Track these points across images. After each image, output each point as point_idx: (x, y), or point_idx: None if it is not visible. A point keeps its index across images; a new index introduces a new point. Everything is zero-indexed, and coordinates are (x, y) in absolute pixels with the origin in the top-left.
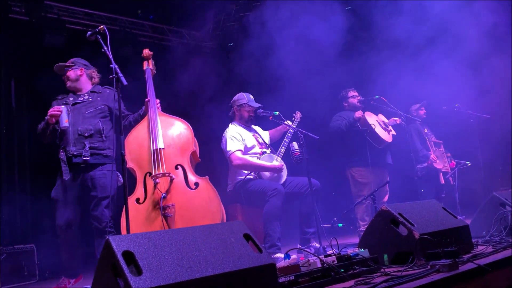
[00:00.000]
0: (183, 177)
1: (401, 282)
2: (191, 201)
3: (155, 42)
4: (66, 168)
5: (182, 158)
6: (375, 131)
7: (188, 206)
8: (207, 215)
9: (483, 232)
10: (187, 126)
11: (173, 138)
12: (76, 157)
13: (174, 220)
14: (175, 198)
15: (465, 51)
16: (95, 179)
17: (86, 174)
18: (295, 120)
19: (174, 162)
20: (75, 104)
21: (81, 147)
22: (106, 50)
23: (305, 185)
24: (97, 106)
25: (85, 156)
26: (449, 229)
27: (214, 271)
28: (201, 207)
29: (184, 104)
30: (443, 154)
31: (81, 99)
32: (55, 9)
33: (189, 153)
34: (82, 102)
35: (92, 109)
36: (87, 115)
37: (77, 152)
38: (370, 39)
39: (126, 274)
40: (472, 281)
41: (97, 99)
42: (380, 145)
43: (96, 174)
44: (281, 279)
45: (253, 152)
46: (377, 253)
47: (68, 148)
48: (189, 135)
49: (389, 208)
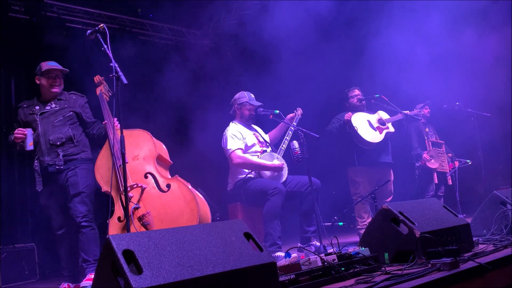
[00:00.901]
0: (154, 183)
1: (401, 281)
2: (167, 203)
3: (155, 40)
4: (39, 179)
5: (149, 165)
6: (357, 133)
7: (165, 209)
8: (185, 211)
9: (483, 231)
10: (146, 133)
11: (134, 150)
12: (51, 166)
13: (153, 226)
14: (149, 205)
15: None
16: (68, 179)
17: (62, 178)
18: (296, 116)
19: (142, 172)
20: (42, 114)
21: (55, 156)
22: (106, 49)
23: (305, 184)
24: (65, 114)
25: (58, 165)
26: (450, 228)
27: (215, 270)
28: (177, 206)
29: (184, 102)
30: (441, 154)
31: (48, 108)
32: (54, 7)
33: (153, 159)
34: (49, 111)
35: (61, 117)
36: (57, 123)
37: (51, 162)
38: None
39: (127, 273)
40: (473, 279)
41: (65, 106)
42: (367, 147)
43: (68, 174)
44: (281, 277)
45: (253, 150)
46: (377, 251)
47: (42, 158)
48: (149, 142)
49: (389, 206)
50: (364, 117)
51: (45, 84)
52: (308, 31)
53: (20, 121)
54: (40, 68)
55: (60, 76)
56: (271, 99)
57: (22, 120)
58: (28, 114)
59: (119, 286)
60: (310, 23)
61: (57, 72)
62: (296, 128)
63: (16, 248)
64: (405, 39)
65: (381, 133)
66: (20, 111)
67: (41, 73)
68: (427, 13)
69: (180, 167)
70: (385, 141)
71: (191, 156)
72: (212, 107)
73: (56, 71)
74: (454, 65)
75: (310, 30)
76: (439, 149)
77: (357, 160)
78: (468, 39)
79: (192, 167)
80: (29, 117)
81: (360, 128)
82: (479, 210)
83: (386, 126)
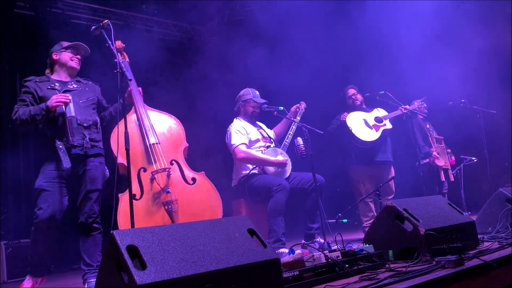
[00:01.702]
0: (179, 172)
1: (406, 278)
2: (191, 196)
3: (159, 37)
4: (66, 157)
5: (176, 153)
6: (352, 133)
7: (188, 202)
8: (207, 210)
9: (489, 228)
10: (178, 122)
11: (164, 133)
12: (75, 147)
13: (178, 215)
14: (176, 193)
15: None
16: (87, 171)
17: (79, 165)
18: (299, 110)
19: (169, 157)
20: (66, 92)
21: (80, 138)
22: (110, 45)
23: (309, 181)
24: (88, 96)
25: (86, 147)
26: (454, 225)
27: (218, 265)
28: (201, 202)
29: (190, 98)
30: (444, 150)
31: (71, 87)
32: (59, 4)
33: (182, 148)
34: (72, 90)
35: (85, 99)
36: (82, 104)
37: (77, 143)
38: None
39: (130, 268)
40: (478, 277)
41: (86, 89)
42: (363, 146)
43: (89, 165)
44: (285, 274)
45: (257, 146)
46: (382, 248)
47: (67, 138)
48: (181, 131)
49: (394, 203)
50: (360, 116)
51: (66, 58)
52: (313, 26)
53: (33, 93)
54: (60, 44)
55: (80, 53)
56: (275, 95)
57: (37, 95)
58: (47, 88)
59: (123, 281)
60: (315, 19)
61: (83, 49)
62: (300, 124)
63: (21, 244)
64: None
65: (377, 130)
66: (31, 84)
67: (66, 46)
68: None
69: None
70: (383, 139)
71: (195, 152)
72: (217, 103)
73: (83, 48)
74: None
75: (315, 25)
76: (441, 145)
77: (355, 159)
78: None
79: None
80: (48, 92)
81: (355, 128)
82: (485, 208)
83: (383, 123)
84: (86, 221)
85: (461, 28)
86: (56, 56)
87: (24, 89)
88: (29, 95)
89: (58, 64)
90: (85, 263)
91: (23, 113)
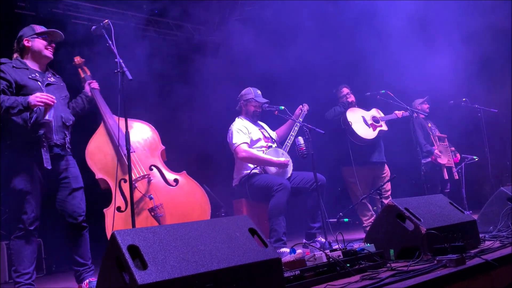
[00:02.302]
0: (160, 176)
1: (407, 277)
2: (176, 198)
3: (160, 36)
4: (47, 156)
5: (154, 158)
6: (352, 128)
7: (174, 203)
8: (196, 207)
9: (490, 227)
10: (149, 126)
11: (138, 140)
12: (58, 147)
13: (165, 219)
14: (160, 198)
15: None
16: (69, 169)
17: (59, 163)
18: (302, 112)
19: (147, 164)
20: (48, 85)
21: (62, 137)
22: (111, 44)
23: (310, 180)
24: (66, 93)
25: (68, 147)
26: (456, 224)
27: (219, 265)
28: (187, 202)
29: (190, 98)
30: (447, 148)
31: (50, 80)
32: (60, 4)
33: (158, 152)
34: (53, 84)
35: (64, 95)
36: (62, 101)
37: (59, 142)
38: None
39: (131, 268)
40: (479, 276)
41: (61, 84)
42: (360, 142)
43: (70, 164)
44: (286, 273)
45: (258, 145)
46: (383, 248)
47: (50, 136)
48: (154, 135)
49: (395, 203)
50: (359, 113)
51: (40, 46)
52: (313, 27)
53: (10, 81)
54: (32, 29)
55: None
56: (278, 95)
57: (17, 83)
58: (28, 78)
59: (124, 281)
60: (316, 20)
61: (58, 36)
62: (301, 124)
63: None
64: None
65: (374, 130)
66: (6, 68)
67: (39, 33)
68: None
69: (186, 163)
70: (378, 139)
71: (196, 152)
72: (218, 102)
73: (58, 35)
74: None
75: (316, 27)
76: (444, 143)
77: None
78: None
79: (197, 163)
80: (29, 81)
81: (355, 123)
82: (486, 207)
83: (379, 124)
84: (76, 220)
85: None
86: (28, 42)
87: None
88: (4, 82)
89: (31, 52)
90: (79, 264)
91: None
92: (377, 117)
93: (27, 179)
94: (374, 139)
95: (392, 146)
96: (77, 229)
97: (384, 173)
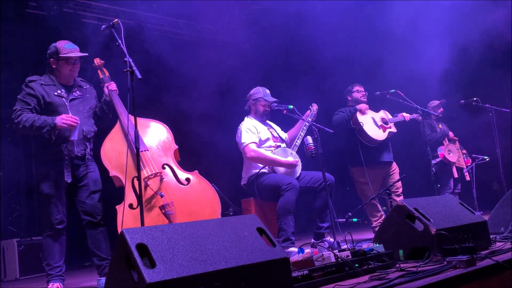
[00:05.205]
0: (172, 175)
1: (416, 278)
2: (187, 196)
3: (169, 36)
4: (68, 170)
5: (167, 157)
6: (363, 129)
7: (185, 202)
8: (206, 207)
9: (501, 229)
10: (164, 126)
11: (152, 139)
12: (78, 158)
13: (176, 217)
14: (171, 196)
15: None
16: (88, 174)
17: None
18: (311, 113)
19: (159, 162)
20: (72, 100)
21: (83, 148)
22: (120, 44)
23: (319, 180)
24: (90, 105)
25: (89, 160)
26: (466, 225)
27: (227, 264)
28: (198, 201)
29: (198, 97)
30: (458, 149)
31: (76, 94)
32: (71, 3)
33: (171, 152)
34: (78, 98)
35: (88, 108)
36: (85, 114)
37: (80, 154)
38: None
39: (140, 266)
40: (489, 278)
41: (87, 96)
42: (371, 144)
43: (89, 168)
44: (294, 273)
45: (267, 145)
46: (392, 248)
47: (71, 148)
48: (168, 135)
49: (405, 203)
50: (369, 114)
51: (65, 70)
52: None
53: (39, 98)
54: (57, 51)
55: (78, 61)
56: (287, 94)
57: (44, 100)
58: (54, 95)
59: (133, 279)
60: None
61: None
62: (310, 123)
63: (33, 241)
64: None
65: (384, 131)
66: (36, 86)
67: (60, 58)
68: None
69: (195, 162)
70: (387, 141)
71: (205, 151)
72: (227, 102)
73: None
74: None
75: (327, 24)
76: (455, 145)
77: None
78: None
79: (206, 161)
80: (55, 98)
81: (366, 124)
82: (497, 208)
83: (389, 126)
84: (95, 219)
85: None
86: (53, 64)
87: (28, 90)
88: (34, 99)
89: (57, 71)
90: (101, 258)
91: (27, 120)
92: (386, 119)
93: (52, 185)
94: (384, 141)
95: (400, 147)
96: (95, 225)
97: (393, 170)
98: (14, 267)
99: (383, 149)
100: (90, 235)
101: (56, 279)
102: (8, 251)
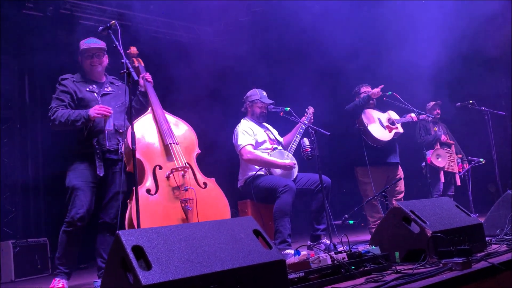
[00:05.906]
0: (192, 176)
1: (412, 280)
2: (203, 199)
3: (167, 37)
4: (100, 163)
5: (190, 158)
6: (368, 129)
7: (202, 204)
8: (217, 214)
9: (497, 231)
10: (191, 128)
11: (180, 137)
12: (110, 152)
13: (192, 214)
14: (191, 193)
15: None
16: (116, 173)
17: (109, 167)
18: (307, 115)
19: (185, 160)
20: (104, 95)
21: (115, 143)
22: (117, 45)
23: (316, 182)
24: (122, 100)
25: (121, 153)
26: (462, 227)
27: (224, 266)
28: (211, 206)
29: (195, 99)
30: (449, 154)
31: (107, 90)
32: (68, 5)
33: (195, 154)
34: (109, 94)
35: (120, 103)
36: (117, 109)
37: (112, 148)
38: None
39: (136, 268)
40: (485, 280)
41: (119, 92)
42: (376, 144)
43: (117, 168)
44: (290, 275)
45: (264, 147)
46: (388, 250)
47: (103, 142)
48: (194, 137)
49: (401, 205)
50: (375, 114)
51: (87, 66)
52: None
53: (72, 94)
54: (79, 47)
55: (98, 55)
56: (284, 95)
57: (77, 95)
58: (86, 90)
59: (129, 281)
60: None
61: (93, 50)
62: (306, 125)
63: (29, 243)
64: None
65: (390, 132)
66: (68, 83)
67: (80, 52)
68: None
69: None
70: (393, 141)
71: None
72: (223, 104)
73: (92, 50)
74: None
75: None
76: (449, 149)
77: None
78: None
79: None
80: (86, 94)
81: (371, 124)
82: (493, 210)
83: (395, 126)
84: (111, 221)
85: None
86: (80, 61)
87: (62, 88)
88: (68, 95)
89: (83, 67)
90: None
91: (62, 116)
92: (392, 119)
93: (80, 178)
94: (389, 141)
95: (400, 147)
96: (110, 228)
97: (398, 175)
98: (9, 269)
99: (389, 150)
100: (101, 236)
101: (63, 276)
102: (3, 253)
